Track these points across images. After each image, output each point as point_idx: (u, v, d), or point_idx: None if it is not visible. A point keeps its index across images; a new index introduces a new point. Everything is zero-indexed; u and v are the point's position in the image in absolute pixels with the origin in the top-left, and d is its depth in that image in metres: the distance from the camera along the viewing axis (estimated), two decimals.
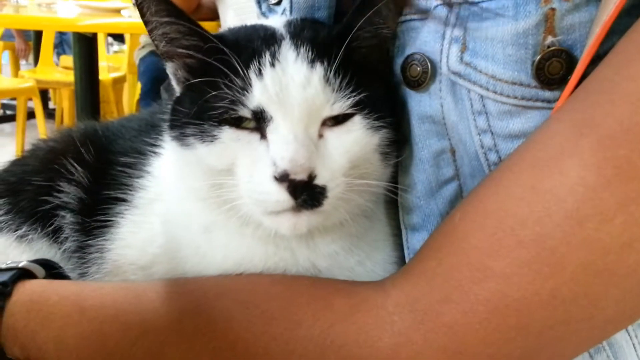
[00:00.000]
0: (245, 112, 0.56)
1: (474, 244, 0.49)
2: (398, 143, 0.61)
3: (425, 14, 0.58)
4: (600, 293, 0.46)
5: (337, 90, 0.56)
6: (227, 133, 0.57)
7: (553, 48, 0.50)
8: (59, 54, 5.04)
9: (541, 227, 0.45)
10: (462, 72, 0.54)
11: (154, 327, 0.55)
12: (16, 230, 0.72)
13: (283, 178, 0.53)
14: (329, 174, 0.55)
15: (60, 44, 5.17)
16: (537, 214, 0.46)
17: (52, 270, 0.65)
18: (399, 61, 0.60)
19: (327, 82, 0.56)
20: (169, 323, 0.55)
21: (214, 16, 2.53)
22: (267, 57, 0.57)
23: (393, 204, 0.67)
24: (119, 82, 4.28)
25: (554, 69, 0.50)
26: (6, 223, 0.72)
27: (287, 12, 0.67)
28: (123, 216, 0.69)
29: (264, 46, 0.58)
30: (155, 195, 0.69)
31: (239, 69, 0.56)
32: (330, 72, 0.56)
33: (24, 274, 0.61)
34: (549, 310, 0.46)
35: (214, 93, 0.57)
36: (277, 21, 0.65)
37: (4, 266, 0.62)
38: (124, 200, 0.69)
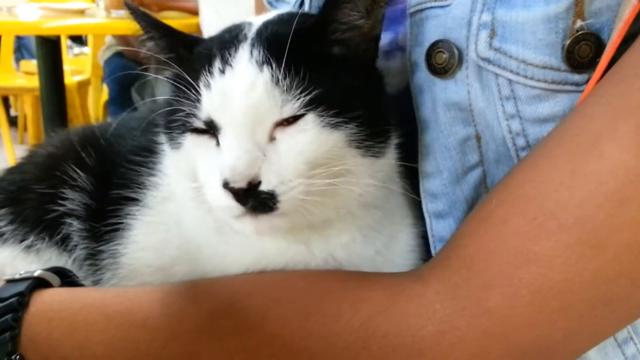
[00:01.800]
0: (199, 123, 0.57)
1: (514, 229, 0.49)
2: (389, 133, 0.60)
3: (447, 0, 0.58)
4: None
5: (286, 92, 0.54)
6: (189, 140, 0.59)
7: (582, 32, 0.51)
8: (17, 60, 4.89)
9: (582, 209, 0.46)
10: (491, 57, 0.54)
11: (185, 329, 0.54)
12: (22, 241, 0.69)
13: (225, 186, 0.53)
14: (277, 179, 0.53)
15: (19, 49, 5.02)
16: (578, 197, 0.46)
17: (65, 279, 0.63)
18: (420, 50, 0.60)
19: (277, 84, 0.54)
20: (200, 324, 0.54)
21: None
22: (217, 64, 0.56)
23: (409, 192, 0.66)
24: (83, 85, 4.18)
25: (583, 53, 0.51)
26: (11, 233, 0.69)
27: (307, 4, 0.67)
28: (135, 217, 0.67)
29: (219, 51, 0.58)
30: (168, 194, 0.67)
31: (191, 81, 0.57)
32: (280, 72, 0.54)
33: (39, 283, 0.59)
34: (591, 291, 0.47)
35: (175, 107, 0.59)
36: (265, 17, 0.64)
37: (17, 276, 0.60)
38: (135, 199, 0.67)
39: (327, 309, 0.53)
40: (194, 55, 0.61)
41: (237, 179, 0.52)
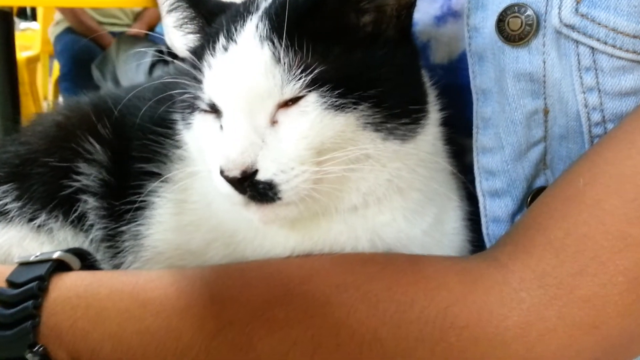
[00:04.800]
0: (204, 106, 0.54)
1: (609, 211, 0.46)
2: (421, 113, 0.55)
3: None
4: None
5: (288, 70, 0.49)
6: (197, 120, 0.55)
7: None
8: None
9: None
10: (576, 24, 0.51)
11: (237, 317, 0.49)
12: (31, 220, 0.62)
13: (222, 174, 0.49)
14: (276, 167, 0.49)
15: None
16: None
17: (84, 262, 0.56)
18: (482, 14, 0.56)
19: (278, 62, 0.49)
20: (254, 311, 0.49)
21: None
22: (222, 41, 0.52)
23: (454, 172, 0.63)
24: (32, 61, 3.98)
25: None
26: (17, 211, 0.62)
27: None
28: (159, 195, 0.61)
29: (227, 25, 0.53)
30: (195, 169, 0.61)
31: (195, 60, 0.53)
32: (281, 49, 0.49)
33: (57, 266, 0.53)
34: None
35: (185, 87, 0.55)
36: None
37: (32, 258, 0.53)
38: (158, 174, 0.61)
39: (399, 295, 0.49)
40: (211, 29, 0.56)
41: (230, 167, 0.49)
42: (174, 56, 0.65)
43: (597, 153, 0.50)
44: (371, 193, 0.55)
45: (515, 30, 0.54)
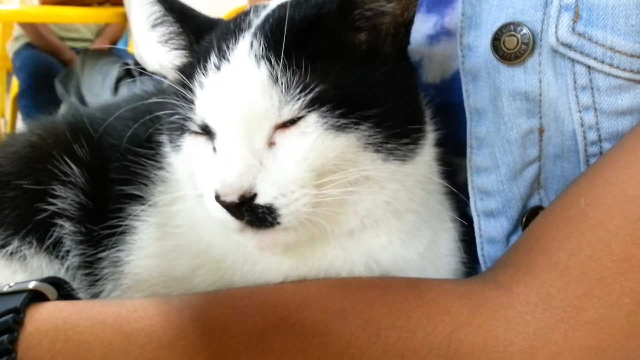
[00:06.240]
0: (195, 128, 0.52)
1: (614, 232, 0.46)
2: (420, 133, 0.54)
3: None
4: None
5: (285, 91, 0.47)
6: (187, 143, 0.53)
7: None
8: None
9: None
10: (573, 43, 0.51)
11: (229, 348, 0.46)
12: (3, 246, 0.59)
13: (217, 199, 0.47)
14: (276, 191, 0.47)
15: None
16: None
17: (60, 291, 0.53)
18: (476, 32, 0.56)
19: (275, 82, 0.47)
20: (248, 342, 0.46)
21: None
22: (213, 59, 0.50)
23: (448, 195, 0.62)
24: None
25: None
26: None
27: None
28: (140, 219, 0.58)
29: (218, 43, 0.51)
30: (180, 191, 0.58)
31: (185, 79, 0.51)
32: (279, 68, 0.47)
33: (34, 296, 0.50)
34: None
35: (174, 108, 0.53)
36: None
37: (6, 289, 0.50)
38: (139, 197, 0.58)
39: (401, 322, 0.47)
40: (200, 47, 0.54)
41: (227, 191, 0.47)
42: (141, 71, 0.62)
43: (597, 173, 0.50)
44: (369, 216, 0.53)
45: (510, 49, 0.53)
